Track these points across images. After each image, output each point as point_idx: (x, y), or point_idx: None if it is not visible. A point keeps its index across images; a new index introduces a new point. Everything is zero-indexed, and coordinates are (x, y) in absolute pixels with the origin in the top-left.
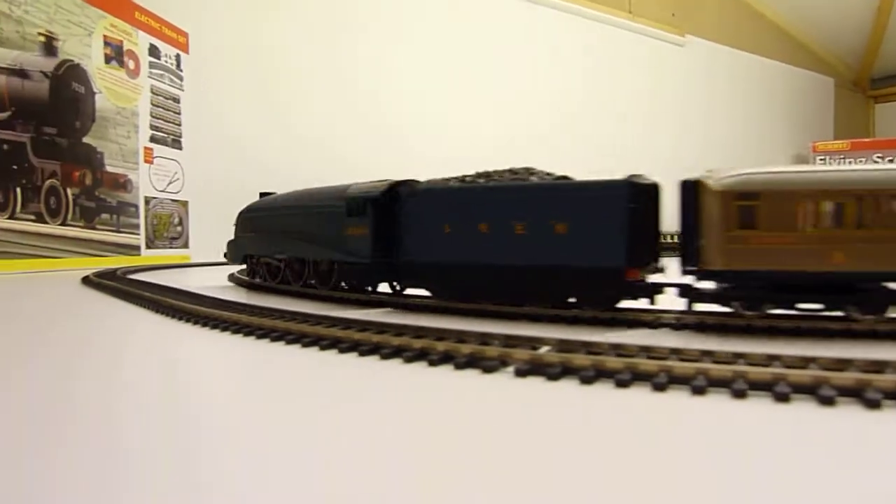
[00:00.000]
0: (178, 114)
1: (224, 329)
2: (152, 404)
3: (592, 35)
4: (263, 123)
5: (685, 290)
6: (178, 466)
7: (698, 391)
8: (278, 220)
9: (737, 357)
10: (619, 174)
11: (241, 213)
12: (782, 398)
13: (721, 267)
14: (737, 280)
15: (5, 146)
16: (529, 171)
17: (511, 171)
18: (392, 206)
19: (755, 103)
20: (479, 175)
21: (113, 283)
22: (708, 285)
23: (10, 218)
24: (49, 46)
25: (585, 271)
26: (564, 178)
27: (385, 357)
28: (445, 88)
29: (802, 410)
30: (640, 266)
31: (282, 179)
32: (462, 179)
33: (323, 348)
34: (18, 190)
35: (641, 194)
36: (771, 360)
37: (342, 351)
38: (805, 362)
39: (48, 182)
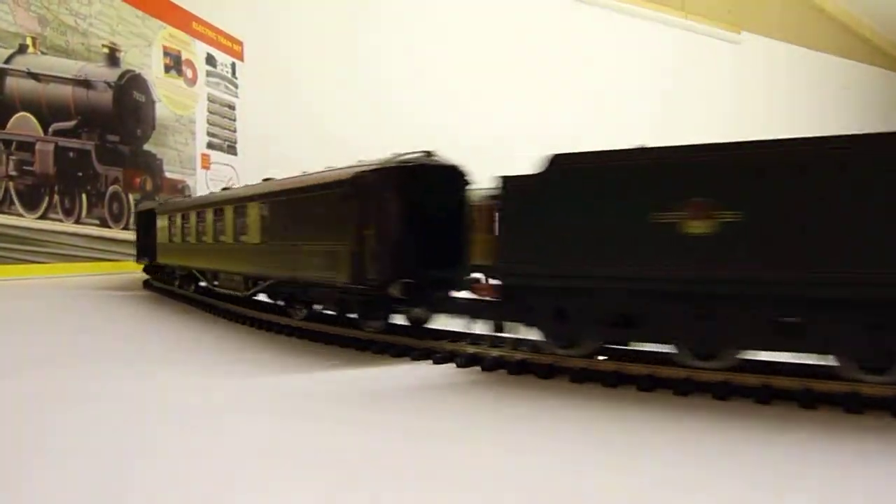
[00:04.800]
0: (234, 120)
1: None
2: None
3: (642, 33)
4: (321, 125)
5: None
6: None
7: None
8: None
9: None
10: None
11: None
12: None
13: None
14: None
15: (72, 154)
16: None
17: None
18: None
19: (817, 102)
20: None
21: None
22: None
23: (75, 222)
24: (112, 57)
25: None
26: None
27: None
28: (488, 87)
29: None
30: None
31: None
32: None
33: None
34: (84, 196)
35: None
36: None
37: None
38: None
39: (111, 188)
